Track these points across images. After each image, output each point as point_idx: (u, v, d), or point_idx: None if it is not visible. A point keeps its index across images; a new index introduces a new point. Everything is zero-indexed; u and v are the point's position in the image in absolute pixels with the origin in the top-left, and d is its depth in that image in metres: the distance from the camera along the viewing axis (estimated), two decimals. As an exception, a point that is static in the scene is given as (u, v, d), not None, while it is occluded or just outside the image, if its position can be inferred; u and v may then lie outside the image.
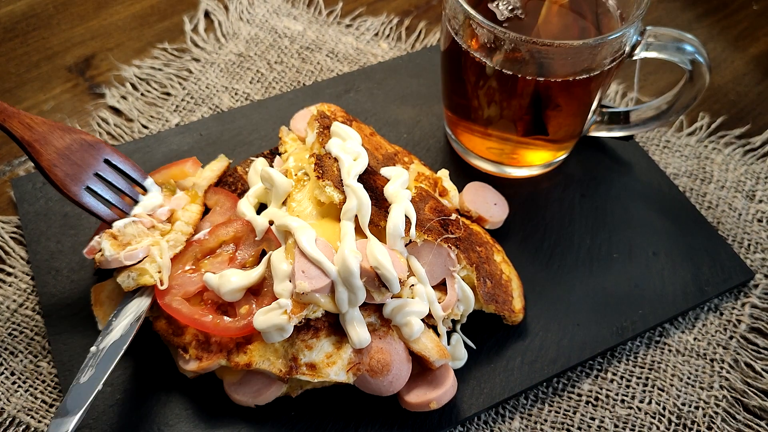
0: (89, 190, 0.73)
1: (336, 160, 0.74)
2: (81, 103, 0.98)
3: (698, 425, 0.74)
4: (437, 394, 0.69)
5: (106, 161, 0.75)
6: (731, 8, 1.17)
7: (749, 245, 0.88)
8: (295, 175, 0.77)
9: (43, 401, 0.73)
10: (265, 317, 0.66)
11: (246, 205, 0.75)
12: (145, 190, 0.78)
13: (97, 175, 0.74)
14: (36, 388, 0.74)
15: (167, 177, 0.81)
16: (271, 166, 0.81)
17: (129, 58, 1.03)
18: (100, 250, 0.72)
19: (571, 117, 0.83)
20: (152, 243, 0.72)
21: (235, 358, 0.68)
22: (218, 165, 0.83)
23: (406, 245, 0.71)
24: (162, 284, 0.69)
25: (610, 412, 0.75)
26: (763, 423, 0.75)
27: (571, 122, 0.84)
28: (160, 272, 0.70)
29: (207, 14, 1.10)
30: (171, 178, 0.81)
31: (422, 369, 0.71)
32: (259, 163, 0.80)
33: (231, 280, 0.68)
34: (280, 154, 0.83)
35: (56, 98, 0.98)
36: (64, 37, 1.06)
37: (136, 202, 0.76)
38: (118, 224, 0.73)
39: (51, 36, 1.06)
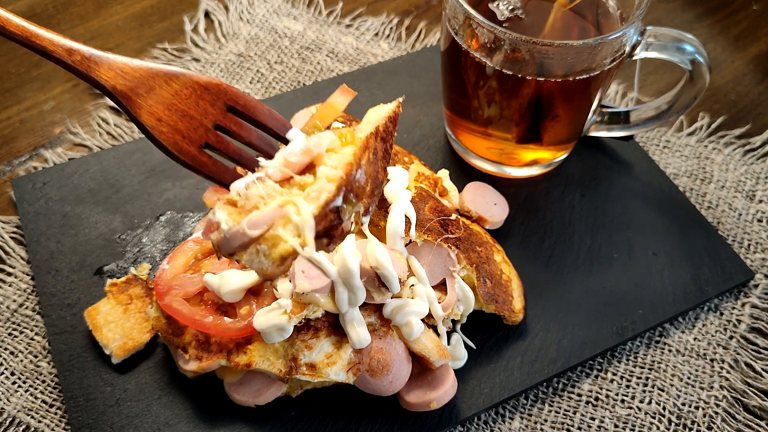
0: (210, 148, 0.56)
1: None
2: (81, 103, 0.98)
3: (698, 425, 0.74)
4: (437, 394, 0.69)
5: (231, 109, 0.56)
6: (731, 8, 1.17)
7: (749, 245, 0.87)
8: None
9: (43, 401, 0.73)
10: (265, 317, 0.66)
11: None
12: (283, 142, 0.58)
13: (219, 128, 0.56)
14: (36, 388, 0.74)
15: (311, 122, 0.59)
16: None
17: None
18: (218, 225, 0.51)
19: (569, 123, 0.83)
20: (284, 202, 0.50)
21: (235, 358, 0.68)
22: (388, 108, 0.60)
23: (406, 245, 0.71)
24: (304, 247, 0.49)
25: (610, 412, 0.75)
26: (763, 423, 0.75)
27: (568, 130, 0.84)
28: (299, 236, 0.49)
29: (207, 14, 1.10)
30: (318, 120, 0.59)
31: (422, 369, 0.71)
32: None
33: (231, 280, 0.68)
34: None
35: (56, 98, 0.98)
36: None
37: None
38: (236, 185, 0.52)
39: (51, 36, 1.06)
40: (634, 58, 0.79)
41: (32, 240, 0.82)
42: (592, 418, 0.74)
